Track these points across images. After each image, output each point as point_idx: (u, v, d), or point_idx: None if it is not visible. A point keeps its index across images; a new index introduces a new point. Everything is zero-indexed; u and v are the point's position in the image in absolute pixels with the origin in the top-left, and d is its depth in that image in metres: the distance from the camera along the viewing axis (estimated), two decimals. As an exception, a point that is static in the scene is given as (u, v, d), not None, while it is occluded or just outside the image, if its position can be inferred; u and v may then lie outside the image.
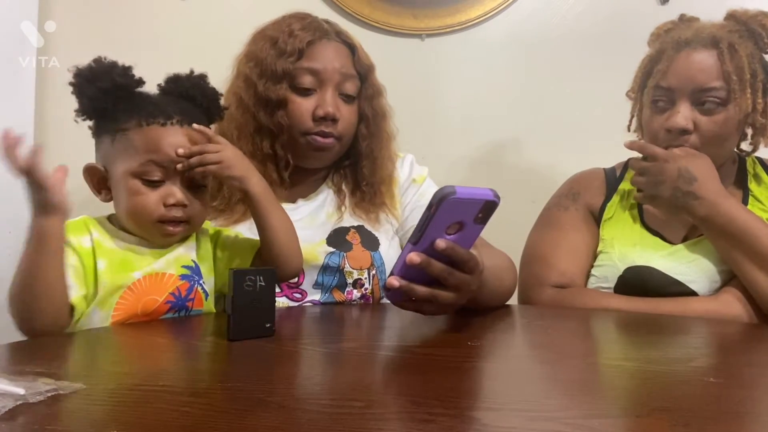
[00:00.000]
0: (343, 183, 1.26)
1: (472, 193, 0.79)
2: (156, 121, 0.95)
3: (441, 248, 0.81)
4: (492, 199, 0.80)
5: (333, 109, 1.15)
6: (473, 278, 0.87)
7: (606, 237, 1.25)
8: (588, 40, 1.76)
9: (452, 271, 0.84)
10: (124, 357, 0.80)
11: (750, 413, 0.58)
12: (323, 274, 1.15)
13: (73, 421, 0.53)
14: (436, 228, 0.80)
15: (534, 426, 0.52)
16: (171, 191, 0.95)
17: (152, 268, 0.96)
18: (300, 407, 0.56)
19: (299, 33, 1.17)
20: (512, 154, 1.79)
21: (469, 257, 0.84)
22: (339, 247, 1.16)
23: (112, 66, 0.97)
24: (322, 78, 1.16)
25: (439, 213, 0.78)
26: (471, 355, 0.77)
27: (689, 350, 0.86)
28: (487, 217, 0.82)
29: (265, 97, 1.16)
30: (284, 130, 1.17)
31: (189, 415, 0.54)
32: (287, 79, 1.16)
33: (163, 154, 0.94)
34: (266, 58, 1.16)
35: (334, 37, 1.20)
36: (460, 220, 0.81)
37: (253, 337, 0.80)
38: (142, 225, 0.96)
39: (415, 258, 0.80)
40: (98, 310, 0.92)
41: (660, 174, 1.13)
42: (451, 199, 0.77)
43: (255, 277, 0.81)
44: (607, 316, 1.09)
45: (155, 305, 0.95)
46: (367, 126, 1.24)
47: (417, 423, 0.51)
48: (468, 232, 0.83)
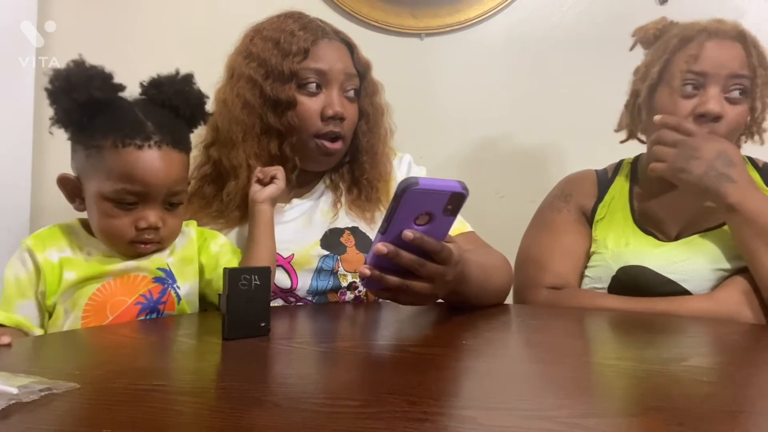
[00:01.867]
0: (340, 181, 1.27)
1: (437, 185, 0.79)
2: (133, 142, 0.91)
3: (408, 238, 0.81)
4: (459, 191, 0.80)
5: (341, 109, 1.16)
6: (448, 269, 0.87)
7: (599, 237, 1.25)
8: (587, 40, 1.76)
9: (423, 262, 0.84)
10: (118, 356, 0.80)
11: (744, 413, 0.58)
12: (317, 278, 1.15)
13: (67, 421, 0.52)
14: (403, 219, 0.80)
15: (529, 425, 0.52)
16: (143, 215, 0.94)
17: (125, 267, 0.96)
18: (295, 406, 0.56)
19: (300, 33, 1.17)
20: (511, 153, 1.79)
21: (440, 248, 0.84)
22: (333, 250, 1.16)
23: (90, 77, 0.91)
24: (328, 78, 1.17)
25: (403, 204, 0.78)
26: (466, 354, 0.78)
27: (684, 350, 0.86)
28: (456, 209, 0.82)
29: (273, 98, 1.15)
30: (294, 132, 1.16)
31: (183, 415, 0.54)
32: (294, 79, 1.16)
33: (137, 182, 0.92)
34: (270, 58, 1.15)
35: (334, 36, 1.21)
36: (428, 212, 0.81)
37: (248, 336, 0.80)
38: (113, 245, 0.96)
39: (383, 248, 0.81)
40: (70, 313, 0.93)
41: (697, 150, 1.10)
42: (414, 191, 0.77)
43: (250, 276, 0.81)
44: (601, 315, 1.09)
45: (124, 306, 0.94)
46: (367, 122, 1.24)
47: (412, 422, 0.51)
48: (438, 223, 0.83)
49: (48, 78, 0.91)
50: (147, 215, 0.94)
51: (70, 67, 0.92)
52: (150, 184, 0.92)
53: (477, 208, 1.30)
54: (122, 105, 0.95)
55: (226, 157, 1.17)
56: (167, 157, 0.94)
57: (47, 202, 1.78)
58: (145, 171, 0.92)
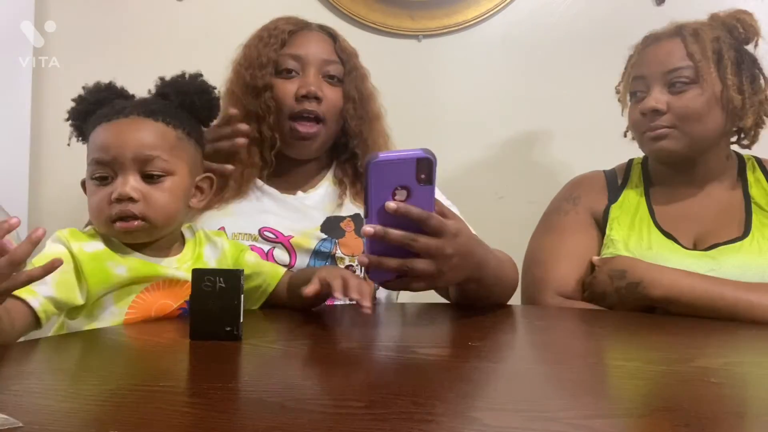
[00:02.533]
0: (343, 176, 1.29)
1: (399, 154, 0.79)
2: (105, 119, 0.94)
3: (391, 209, 0.80)
4: (423, 156, 0.79)
5: (315, 88, 1.19)
6: (444, 241, 0.85)
7: (616, 238, 1.23)
8: (584, 41, 1.76)
9: (416, 236, 0.82)
10: (124, 357, 0.80)
11: (751, 414, 0.58)
12: (315, 259, 1.17)
13: (73, 421, 0.52)
14: (380, 196, 0.80)
15: (535, 426, 0.52)
16: (117, 186, 0.91)
17: (173, 274, 0.95)
18: (300, 407, 0.56)
19: (282, 26, 1.24)
20: (509, 154, 1.79)
21: (426, 216, 0.82)
22: (331, 234, 1.19)
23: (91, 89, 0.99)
24: (304, 62, 1.22)
25: (372, 181, 0.78)
26: (471, 356, 0.77)
27: (690, 350, 0.85)
28: (429, 176, 0.81)
29: (251, 84, 1.21)
30: (271, 112, 1.20)
31: (189, 415, 0.54)
32: (271, 65, 1.21)
33: (103, 150, 0.91)
34: (253, 51, 1.23)
35: (316, 28, 1.27)
36: (402, 185, 0.80)
37: (214, 339, 0.78)
38: (101, 229, 0.93)
39: (369, 230, 0.80)
40: (113, 306, 0.92)
41: (597, 286, 1.17)
42: (376, 163, 0.78)
43: (214, 278, 0.78)
44: (607, 316, 1.09)
45: (169, 309, 0.95)
46: (354, 106, 1.26)
47: (417, 423, 0.51)
48: (418, 195, 0.81)
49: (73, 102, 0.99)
50: (119, 185, 0.90)
51: None
52: (112, 147, 0.91)
53: (476, 209, 1.30)
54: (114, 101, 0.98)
55: None
56: (134, 123, 0.93)
57: (45, 202, 1.77)
58: (109, 136, 0.92)
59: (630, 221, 1.25)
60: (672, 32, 1.22)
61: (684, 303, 1.06)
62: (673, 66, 1.19)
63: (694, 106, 1.18)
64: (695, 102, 1.18)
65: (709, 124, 1.20)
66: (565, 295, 1.21)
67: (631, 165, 1.35)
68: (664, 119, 1.19)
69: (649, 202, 1.27)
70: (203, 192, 1.03)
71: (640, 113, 1.21)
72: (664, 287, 1.08)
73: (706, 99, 1.18)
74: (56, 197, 1.75)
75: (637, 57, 1.25)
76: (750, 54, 1.23)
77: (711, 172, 1.25)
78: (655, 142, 1.21)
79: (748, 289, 1.06)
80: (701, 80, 1.18)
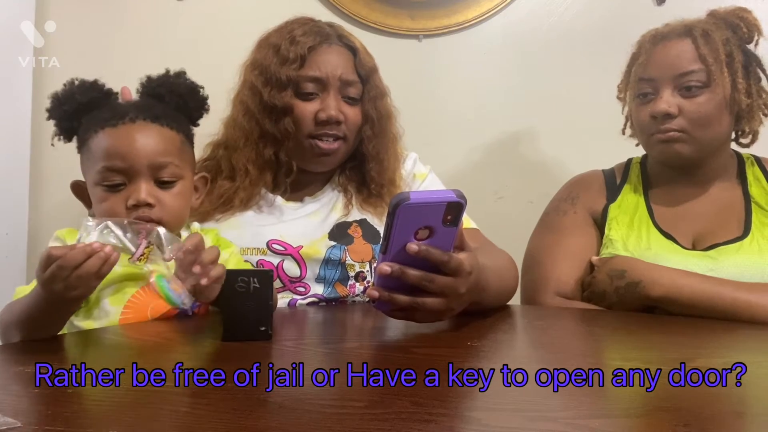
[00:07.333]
0: (348, 183, 1.28)
1: (430, 197, 0.77)
2: (108, 123, 0.94)
3: (413, 251, 0.78)
4: (455, 200, 0.77)
5: (335, 113, 1.17)
6: (459, 281, 0.83)
7: (615, 237, 1.24)
8: (584, 41, 1.76)
9: (433, 277, 0.81)
10: (124, 357, 0.79)
11: (750, 413, 0.58)
12: (325, 268, 1.16)
13: (73, 422, 0.52)
14: (402, 235, 0.78)
15: (534, 426, 0.52)
16: (131, 192, 0.93)
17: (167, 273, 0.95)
18: (300, 407, 0.56)
19: (300, 39, 1.19)
20: (509, 154, 1.79)
21: (447, 258, 0.81)
22: (340, 241, 1.18)
23: (77, 86, 0.98)
24: (325, 83, 1.18)
25: (398, 220, 0.76)
26: (471, 355, 0.77)
27: (690, 350, 0.85)
28: (456, 219, 0.79)
29: (270, 105, 1.18)
30: (290, 137, 1.18)
31: (189, 415, 0.54)
32: (291, 86, 1.17)
33: (116, 157, 0.92)
34: (270, 66, 1.18)
35: (336, 41, 1.22)
36: (427, 225, 0.78)
37: (247, 339, 0.79)
38: None
39: (386, 268, 0.78)
40: (108, 305, 0.92)
41: (596, 286, 1.17)
42: (405, 206, 0.75)
43: (248, 278, 0.79)
44: (607, 316, 1.09)
45: (164, 310, 0.95)
46: (372, 127, 1.24)
47: (417, 423, 0.51)
48: (441, 236, 0.80)
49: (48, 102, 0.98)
50: (134, 192, 0.93)
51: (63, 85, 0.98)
52: (126, 155, 0.93)
53: (475, 209, 1.29)
54: (108, 102, 0.99)
55: (228, 159, 1.22)
56: (144, 129, 0.95)
57: (45, 203, 1.78)
58: (121, 144, 0.93)
59: (629, 221, 1.25)
60: (681, 32, 1.20)
61: (683, 303, 1.07)
62: (685, 69, 1.18)
63: (705, 111, 1.17)
64: (707, 106, 1.17)
65: (718, 128, 1.20)
66: (565, 295, 1.21)
67: (629, 164, 1.35)
68: (675, 123, 1.18)
69: (648, 202, 1.27)
70: (198, 190, 1.06)
71: (650, 116, 1.20)
72: (663, 287, 1.08)
73: (717, 103, 1.17)
74: (57, 197, 1.75)
75: (645, 57, 1.22)
76: (754, 54, 1.22)
77: (713, 173, 1.25)
78: (665, 145, 1.20)
79: (748, 289, 1.06)
80: (713, 84, 1.17)
